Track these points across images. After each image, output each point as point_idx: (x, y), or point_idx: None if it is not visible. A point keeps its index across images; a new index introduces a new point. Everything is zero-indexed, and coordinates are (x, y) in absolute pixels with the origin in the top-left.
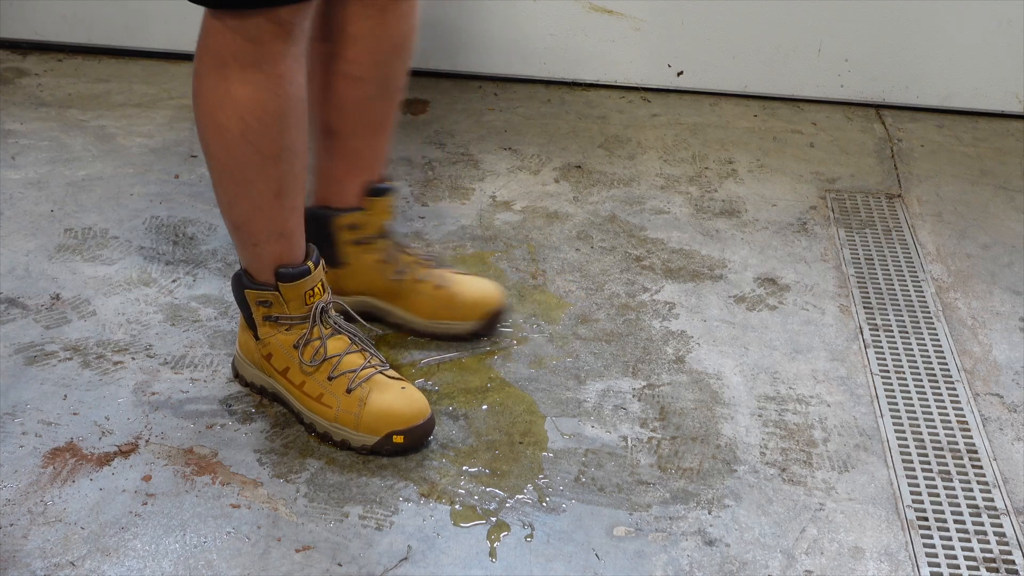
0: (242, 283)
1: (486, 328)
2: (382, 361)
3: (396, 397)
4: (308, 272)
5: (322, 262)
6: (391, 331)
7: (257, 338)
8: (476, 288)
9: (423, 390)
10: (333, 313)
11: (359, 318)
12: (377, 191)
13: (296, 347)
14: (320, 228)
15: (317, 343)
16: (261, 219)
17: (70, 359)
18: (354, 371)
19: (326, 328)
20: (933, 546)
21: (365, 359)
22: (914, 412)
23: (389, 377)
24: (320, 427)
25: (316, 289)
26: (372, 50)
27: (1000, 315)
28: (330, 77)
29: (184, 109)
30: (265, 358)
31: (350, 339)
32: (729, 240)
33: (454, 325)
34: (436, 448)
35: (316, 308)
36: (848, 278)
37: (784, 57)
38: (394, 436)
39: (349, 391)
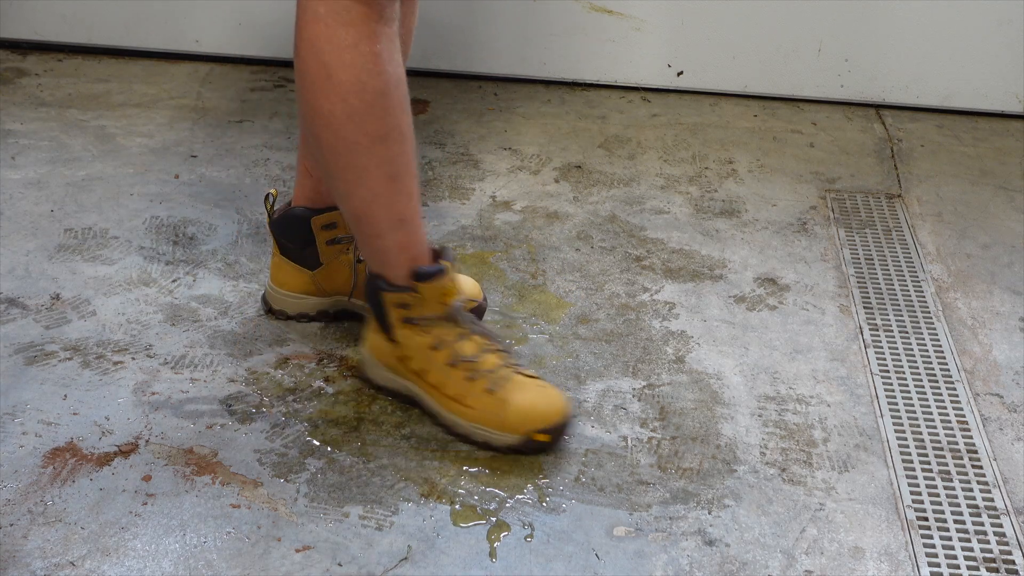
0: (378, 287)
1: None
2: (518, 360)
3: (537, 396)
4: (444, 271)
5: (455, 258)
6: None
7: (393, 340)
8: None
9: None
10: (467, 312)
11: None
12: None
13: (435, 348)
14: (296, 228)
15: (455, 344)
16: (379, 206)
17: (70, 359)
18: (492, 371)
19: (463, 328)
20: (933, 546)
21: (502, 359)
22: (914, 412)
23: (526, 376)
24: (460, 428)
25: (451, 288)
26: None
27: (1000, 315)
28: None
29: (184, 109)
30: (401, 360)
31: (486, 339)
32: (729, 240)
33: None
34: (436, 448)
35: (453, 308)
36: (848, 278)
37: (784, 57)
38: (537, 434)
39: (490, 391)
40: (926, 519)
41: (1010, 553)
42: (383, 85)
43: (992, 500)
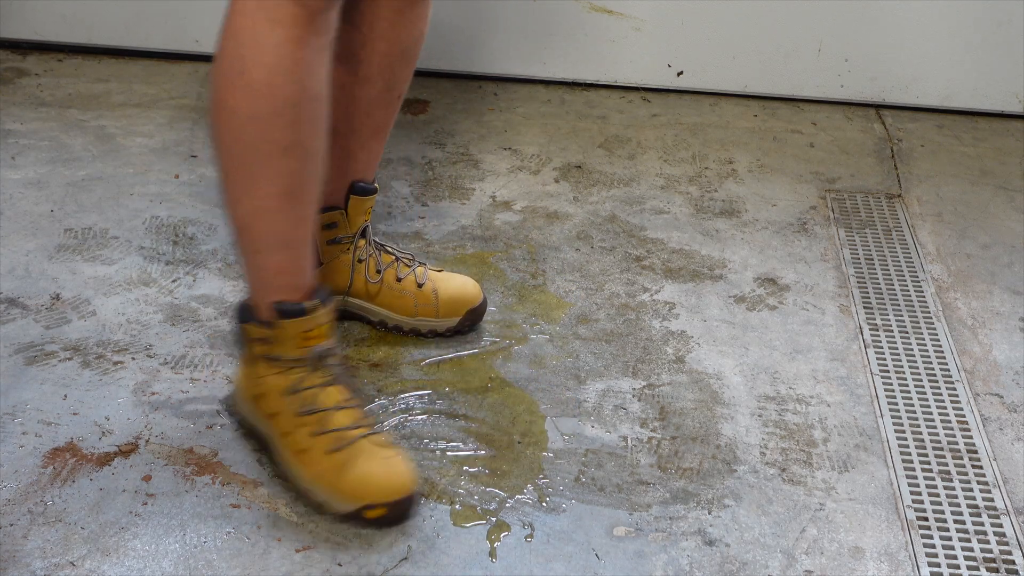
0: (243, 315)
1: (466, 325)
2: (374, 422)
3: (379, 469)
4: (310, 310)
5: (331, 307)
6: (371, 329)
7: (251, 375)
8: (456, 286)
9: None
10: (334, 362)
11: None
12: (360, 190)
13: (288, 393)
14: None
15: (310, 393)
16: (265, 221)
17: (70, 359)
18: (341, 430)
19: (323, 376)
20: (933, 546)
21: (356, 418)
22: (914, 412)
23: (376, 444)
24: (301, 482)
25: (318, 331)
26: (383, 52)
27: (1000, 315)
28: (339, 76)
29: (184, 109)
30: (255, 398)
31: (347, 393)
32: (729, 240)
33: (435, 322)
34: (436, 448)
35: (314, 352)
36: (848, 278)
37: (784, 57)
38: (367, 511)
39: (332, 453)
40: (926, 519)
41: (1010, 553)
42: (296, 95)
43: (992, 500)
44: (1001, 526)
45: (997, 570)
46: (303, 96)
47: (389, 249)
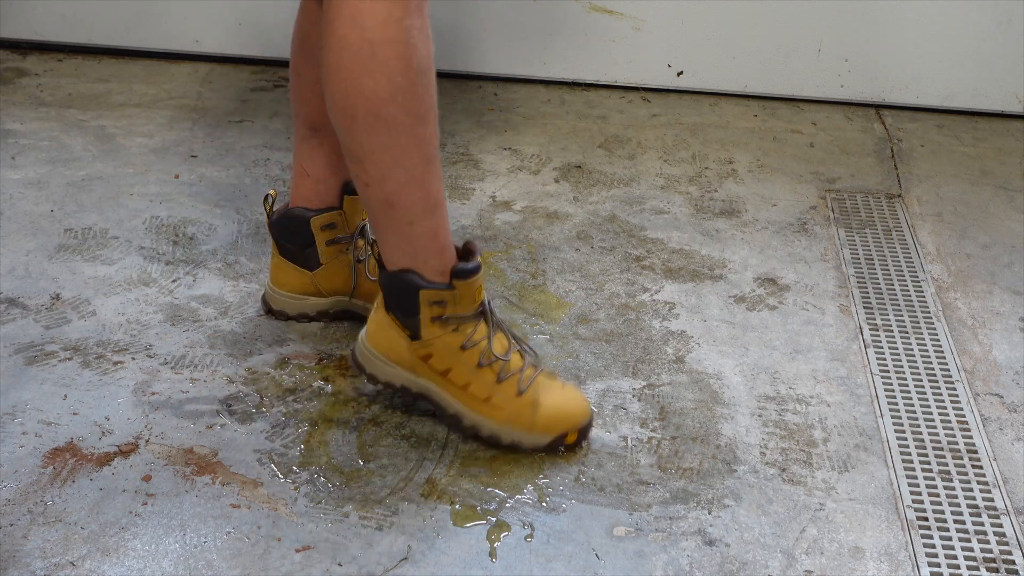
0: (414, 283)
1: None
2: (537, 358)
3: (565, 398)
4: (479, 268)
5: (481, 250)
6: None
7: (416, 338)
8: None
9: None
10: (494, 310)
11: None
12: (354, 190)
13: (463, 348)
14: (295, 228)
15: (485, 344)
16: (417, 188)
17: (70, 359)
18: (519, 371)
19: (492, 327)
20: (933, 546)
21: (524, 360)
22: (914, 412)
23: (547, 377)
24: (487, 429)
25: (481, 285)
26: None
27: (1000, 315)
28: (317, 71)
29: (184, 109)
30: (423, 359)
31: (509, 338)
32: (729, 240)
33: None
34: (436, 448)
35: (484, 305)
36: (848, 278)
37: (784, 57)
38: (568, 435)
39: (520, 394)
40: (926, 519)
41: (1010, 553)
42: (424, 62)
43: (992, 500)
44: (1001, 526)
45: (997, 570)
46: (428, 61)
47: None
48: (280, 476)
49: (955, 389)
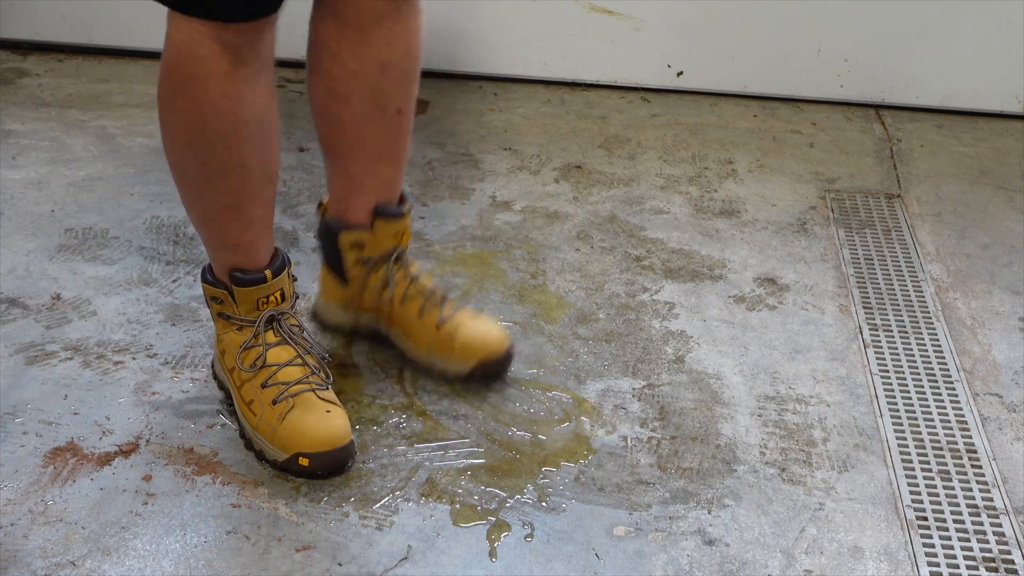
0: (203, 276)
1: (478, 375)
2: (324, 380)
3: (314, 420)
4: (263, 280)
5: (287, 272)
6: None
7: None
8: (477, 332)
9: (424, 394)
10: (289, 323)
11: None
12: (383, 212)
13: (243, 348)
14: (330, 241)
15: (259, 349)
16: (214, 228)
17: (71, 359)
18: (287, 384)
19: (275, 336)
20: (933, 546)
21: (304, 374)
22: (914, 412)
23: (320, 398)
24: (246, 432)
25: (272, 297)
26: (353, 69)
27: (1000, 315)
28: (319, 95)
29: None
30: (220, 354)
31: (297, 351)
32: (729, 240)
33: (448, 366)
34: (436, 448)
35: (264, 315)
36: (848, 278)
37: (784, 57)
38: (300, 457)
39: (274, 403)
40: (926, 519)
41: (1009, 553)
42: (225, 125)
43: (991, 500)
44: (1000, 526)
45: (996, 570)
46: (235, 125)
47: (422, 280)
48: (280, 476)
49: (955, 389)
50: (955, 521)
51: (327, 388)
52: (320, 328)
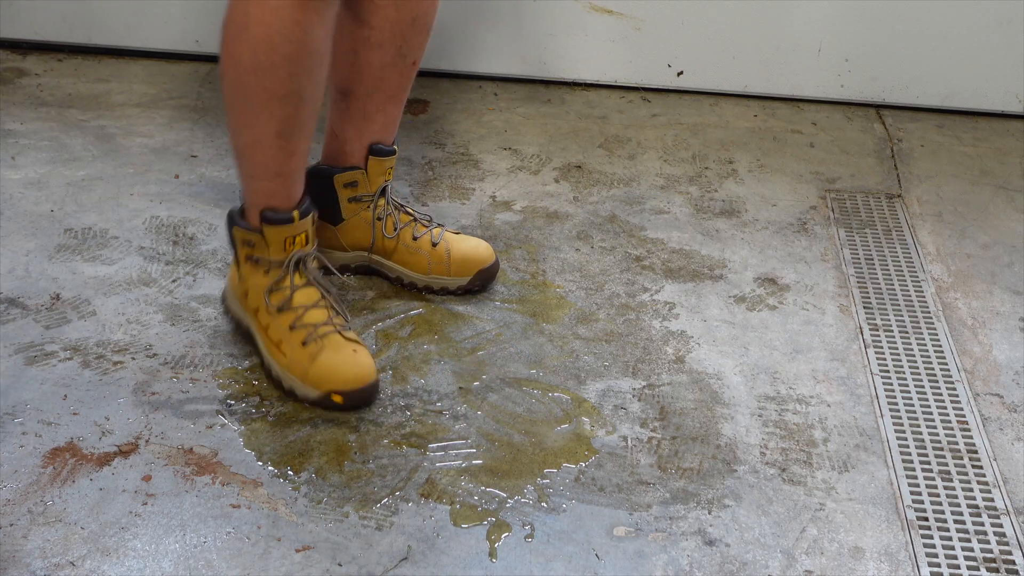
0: (233, 220)
1: (476, 285)
2: (346, 322)
3: (344, 358)
4: (291, 220)
5: (312, 215)
6: (388, 285)
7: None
8: (469, 246)
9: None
10: (312, 266)
11: (342, 276)
12: (378, 151)
13: (269, 291)
14: (321, 184)
15: (286, 291)
16: (260, 153)
17: (70, 359)
18: (314, 325)
19: (300, 278)
20: (933, 546)
21: (328, 316)
22: (914, 412)
23: (345, 338)
24: (275, 371)
25: (299, 239)
26: (392, 19)
27: (1000, 315)
28: (352, 41)
29: (184, 109)
30: (243, 295)
31: (321, 294)
32: (729, 240)
33: (447, 280)
34: (436, 448)
35: (293, 256)
36: (848, 278)
37: (784, 57)
38: (334, 395)
39: (304, 344)
40: (926, 519)
41: (1010, 553)
42: (293, 51)
43: (992, 500)
44: (1001, 526)
45: (997, 570)
46: (300, 53)
47: (408, 210)
48: (280, 476)
49: (955, 389)
50: (956, 521)
51: (349, 328)
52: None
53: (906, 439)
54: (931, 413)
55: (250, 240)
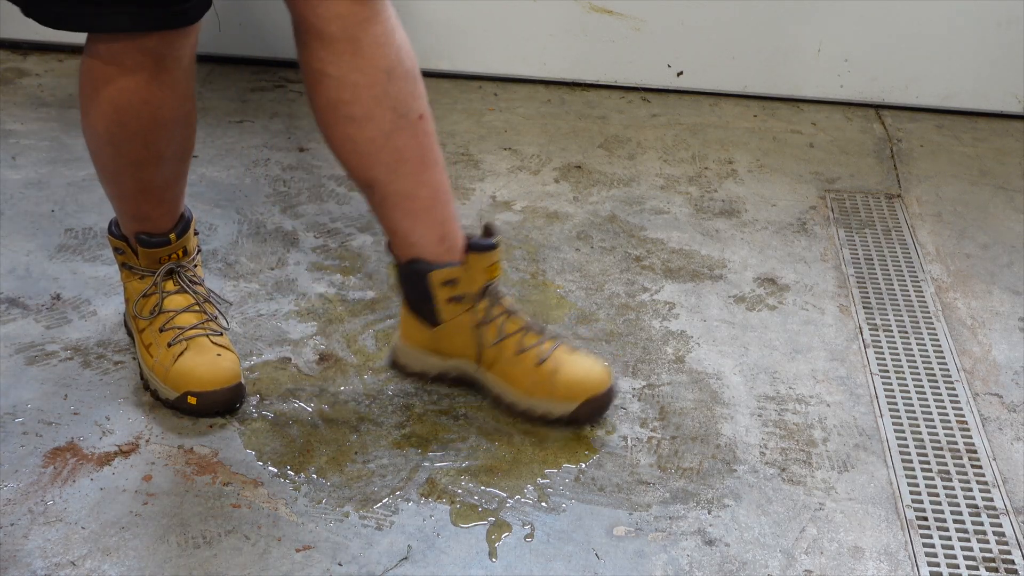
0: (109, 228)
1: (585, 414)
2: (219, 328)
3: (205, 360)
4: (168, 243)
5: (190, 232)
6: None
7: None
8: (580, 368)
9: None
10: (187, 275)
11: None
12: (477, 246)
13: (143, 294)
14: (417, 283)
15: (156, 297)
16: (124, 204)
17: (71, 359)
18: (182, 328)
19: (173, 285)
20: (933, 546)
21: (200, 320)
22: (914, 412)
23: (213, 343)
24: (144, 374)
25: (174, 255)
26: (359, 82)
27: (1000, 315)
28: (340, 126)
29: None
30: (125, 302)
31: (195, 300)
32: (729, 240)
33: (551, 406)
34: (437, 447)
35: (164, 268)
36: (848, 278)
37: (784, 57)
38: (189, 396)
39: (170, 345)
40: (926, 519)
41: (1009, 553)
42: (146, 126)
43: (992, 500)
44: (1000, 526)
45: (997, 570)
46: (153, 126)
47: (517, 316)
48: (280, 476)
49: (955, 389)
50: (955, 521)
51: (221, 335)
52: (401, 375)
53: (905, 439)
54: (930, 413)
55: (120, 248)
